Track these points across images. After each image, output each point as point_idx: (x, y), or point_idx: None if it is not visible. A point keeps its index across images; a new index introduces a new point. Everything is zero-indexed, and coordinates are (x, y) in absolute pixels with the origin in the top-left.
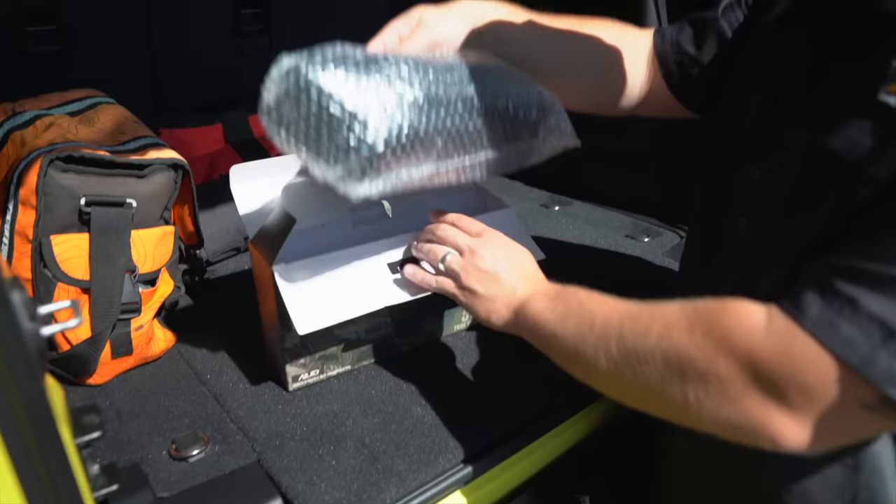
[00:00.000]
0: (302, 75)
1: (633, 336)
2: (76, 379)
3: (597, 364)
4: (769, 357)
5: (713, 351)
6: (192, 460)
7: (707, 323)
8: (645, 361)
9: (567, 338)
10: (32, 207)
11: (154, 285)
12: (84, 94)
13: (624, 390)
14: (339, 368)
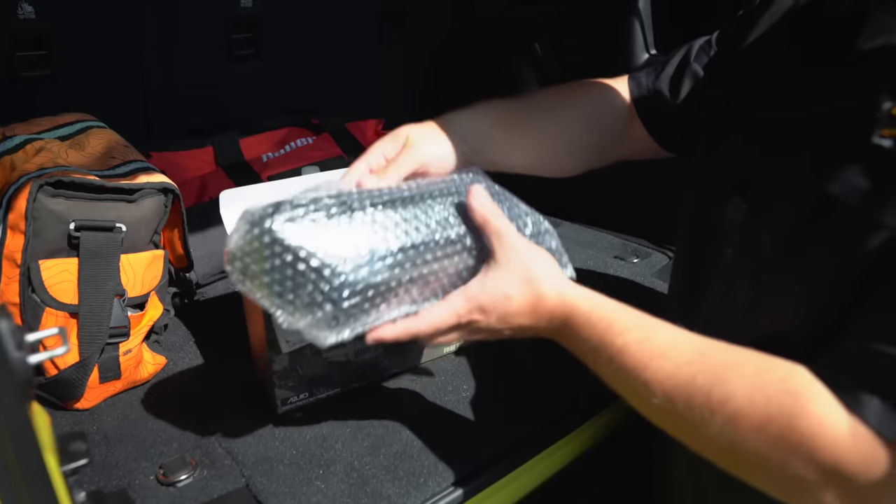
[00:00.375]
0: (266, 230)
1: (690, 414)
2: (64, 403)
3: (659, 422)
4: (856, 465)
5: (789, 454)
6: (180, 485)
7: (782, 426)
8: (710, 439)
9: (609, 378)
10: (21, 232)
11: (143, 309)
12: (75, 118)
13: (691, 444)
14: (328, 391)
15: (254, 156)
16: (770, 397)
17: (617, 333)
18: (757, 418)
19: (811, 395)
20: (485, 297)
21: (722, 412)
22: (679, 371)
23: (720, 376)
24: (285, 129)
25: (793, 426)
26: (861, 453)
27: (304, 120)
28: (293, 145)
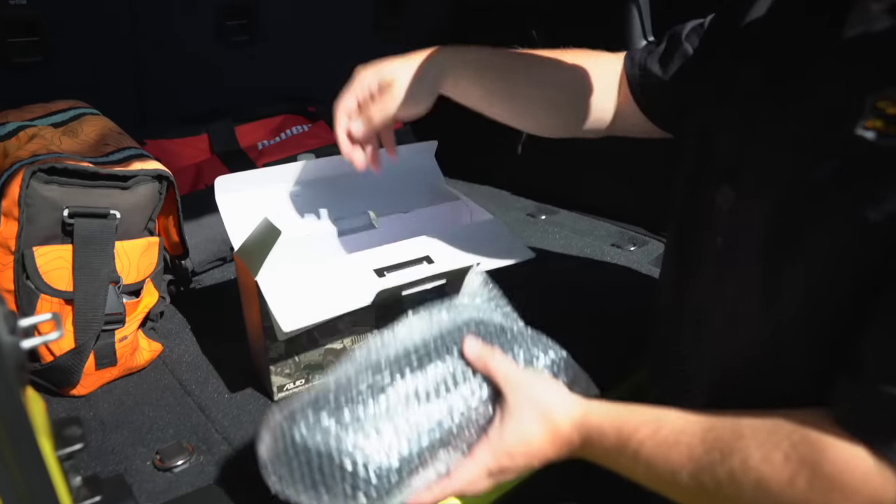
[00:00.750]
0: (289, 436)
1: (720, 493)
2: (60, 390)
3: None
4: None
5: (826, 500)
6: (176, 470)
7: (809, 476)
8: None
9: (643, 482)
10: (15, 219)
11: (138, 296)
12: (68, 105)
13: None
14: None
15: (249, 143)
16: (787, 453)
17: (629, 436)
18: (783, 477)
19: (826, 441)
20: (507, 446)
21: (748, 481)
22: (694, 452)
23: (733, 448)
24: (281, 117)
25: (818, 474)
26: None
27: (299, 107)
28: (289, 133)
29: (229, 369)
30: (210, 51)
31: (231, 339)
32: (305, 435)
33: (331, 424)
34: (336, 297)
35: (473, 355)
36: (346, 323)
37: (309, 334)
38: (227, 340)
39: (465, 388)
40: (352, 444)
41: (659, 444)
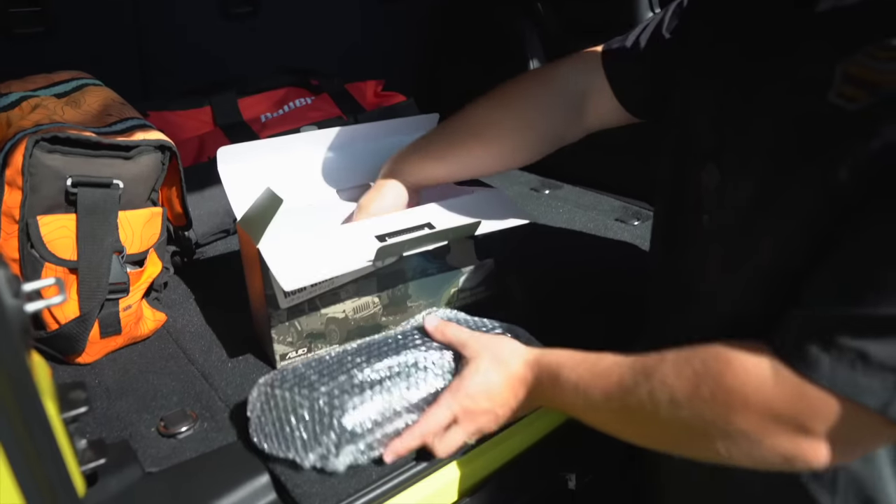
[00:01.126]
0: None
1: (643, 411)
2: (65, 358)
3: (621, 434)
4: (785, 404)
5: (727, 410)
6: (180, 437)
7: (711, 385)
8: (665, 429)
9: (582, 415)
10: (19, 188)
11: (142, 266)
12: (70, 75)
13: (654, 445)
14: (326, 347)
15: (252, 116)
16: (697, 369)
17: (571, 369)
18: (689, 389)
19: (732, 354)
20: (467, 389)
21: (663, 398)
22: (623, 379)
23: (655, 369)
24: (284, 90)
25: (720, 382)
26: (789, 393)
27: (302, 80)
28: (292, 105)
29: (232, 339)
30: (213, 23)
31: (234, 309)
32: (287, 396)
33: (312, 386)
34: (337, 258)
35: (431, 327)
36: (349, 291)
37: (311, 302)
38: (231, 311)
39: (435, 368)
40: (327, 400)
41: (595, 375)
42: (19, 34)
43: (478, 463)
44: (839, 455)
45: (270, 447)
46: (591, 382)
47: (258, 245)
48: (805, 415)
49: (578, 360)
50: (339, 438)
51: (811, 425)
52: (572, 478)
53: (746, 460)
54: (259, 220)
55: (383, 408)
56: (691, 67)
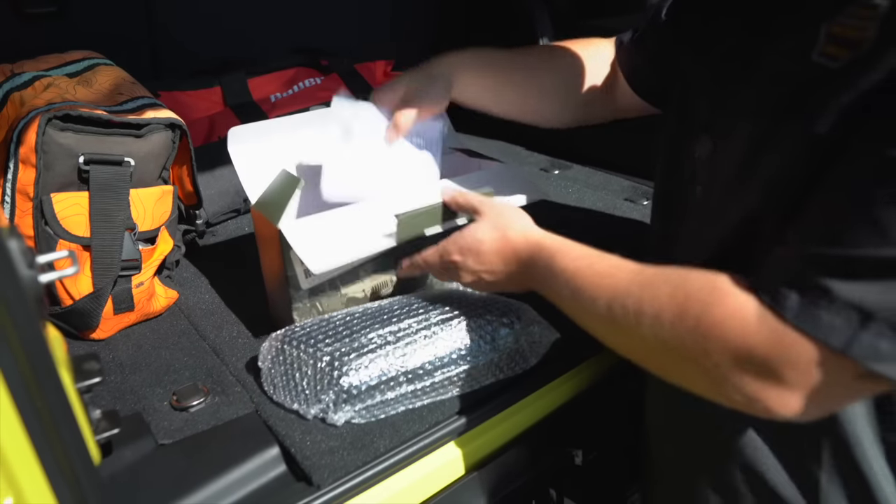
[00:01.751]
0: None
1: (625, 320)
2: (80, 333)
3: (597, 334)
4: (761, 347)
5: (706, 341)
6: (192, 410)
7: (697, 314)
8: (642, 342)
9: (567, 309)
10: (32, 166)
11: (154, 243)
12: (82, 55)
13: (630, 354)
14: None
15: (262, 96)
16: (690, 293)
17: (570, 260)
18: (677, 309)
19: (728, 289)
20: (461, 241)
21: (649, 312)
22: (618, 285)
23: (651, 282)
24: (293, 70)
25: (707, 313)
26: (767, 337)
27: (312, 60)
28: (301, 85)
29: (243, 315)
30: (223, 3)
31: (245, 286)
32: (294, 353)
33: (317, 345)
34: (360, 239)
35: (448, 197)
36: (367, 269)
37: (331, 282)
38: (242, 288)
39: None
40: (329, 360)
41: (592, 274)
42: (31, 14)
43: (486, 438)
44: (804, 406)
45: (278, 397)
46: (585, 278)
47: (279, 225)
48: (777, 359)
49: (580, 254)
50: (337, 397)
51: (781, 371)
52: (579, 454)
53: (711, 392)
54: (276, 201)
55: (381, 372)
56: (688, 46)
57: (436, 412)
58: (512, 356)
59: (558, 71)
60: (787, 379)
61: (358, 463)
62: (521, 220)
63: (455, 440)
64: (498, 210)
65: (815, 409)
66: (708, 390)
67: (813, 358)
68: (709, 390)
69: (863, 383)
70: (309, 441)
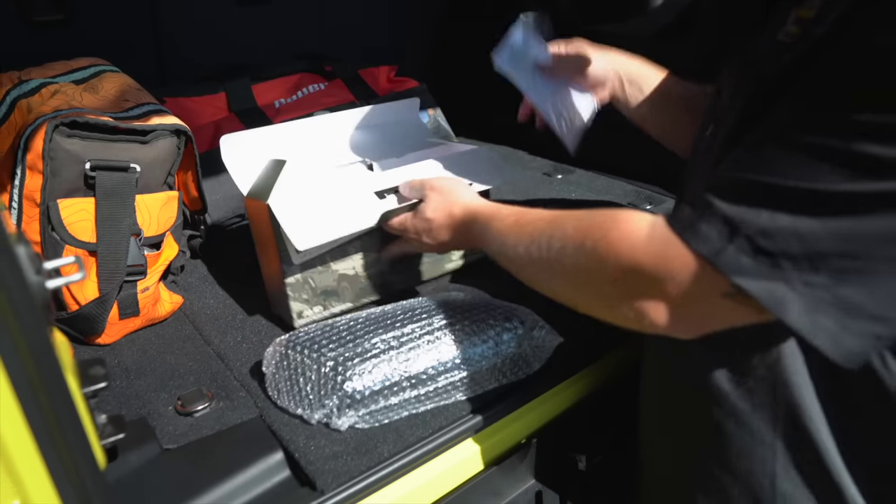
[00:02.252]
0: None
1: (539, 257)
2: (85, 338)
3: (523, 277)
4: (648, 260)
5: (601, 263)
6: (197, 415)
7: (597, 238)
8: (552, 275)
9: (501, 261)
10: (39, 172)
11: (159, 249)
12: (89, 62)
13: (543, 287)
14: (340, 305)
15: (266, 101)
16: (593, 223)
17: (501, 220)
18: (580, 236)
19: (627, 215)
20: (415, 222)
21: (556, 246)
22: (536, 230)
23: (562, 221)
24: (298, 75)
25: (604, 237)
26: (655, 252)
27: (316, 66)
28: (305, 91)
29: (247, 321)
30: (228, 9)
31: (250, 292)
32: (298, 357)
33: (321, 350)
34: (343, 217)
35: (405, 188)
36: (356, 246)
37: (321, 258)
38: (246, 293)
39: (437, 343)
40: (332, 365)
41: (516, 226)
42: (38, 22)
43: (489, 442)
44: (681, 321)
45: (282, 402)
46: (510, 230)
47: (268, 201)
48: (661, 272)
49: (509, 212)
50: (341, 402)
51: (663, 284)
52: (582, 459)
53: (606, 312)
54: (265, 184)
55: (385, 377)
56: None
57: (439, 417)
58: (515, 361)
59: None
60: (668, 292)
61: (362, 468)
62: (463, 194)
63: (457, 446)
64: (442, 189)
65: (690, 325)
66: (604, 311)
67: (690, 269)
68: (605, 311)
69: (731, 303)
70: (313, 446)
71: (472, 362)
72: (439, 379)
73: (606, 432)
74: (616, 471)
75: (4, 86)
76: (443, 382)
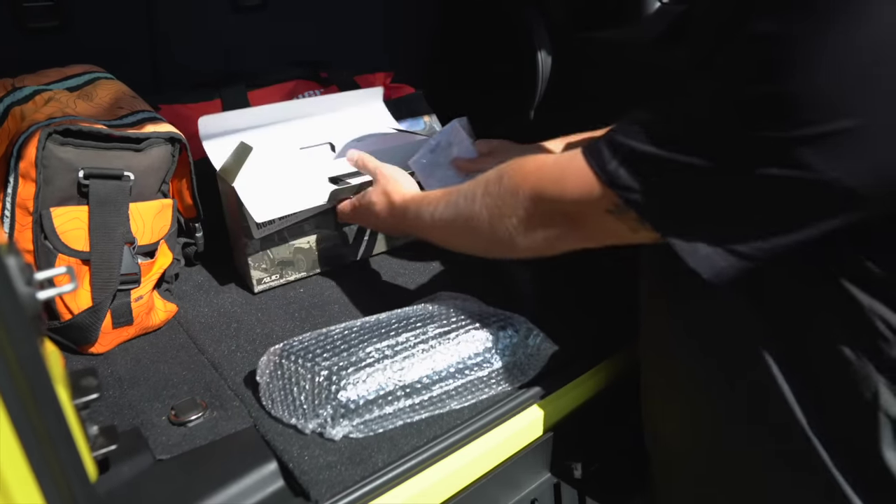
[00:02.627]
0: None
1: (458, 212)
2: (79, 348)
3: (449, 243)
4: (550, 179)
5: (511, 194)
6: (190, 425)
7: (510, 174)
8: (469, 223)
9: (430, 236)
10: (32, 180)
11: (153, 257)
12: (83, 69)
13: (465, 239)
14: (296, 274)
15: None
16: (508, 166)
17: (428, 202)
18: (497, 173)
19: (528, 158)
20: (360, 205)
21: (470, 192)
22: (452, 193)
23: (476, 179)
24: (293, 82)
25: (517, 171)
26: (556, 166)
27: (311, 73)
28: (301, 98)
29: (241, 330)
30: (224, 16)
31: (244, 300)
32: (292, 367)
33: (315, 360)
34: (300, 195)
35: (353, 157)
36: (311, 225)
37: (280, 234)
38: (240, 302)
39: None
40: (326, 375)
41: (444, 194)
42: (33, 29)
43: (484, 452)
44: (578, 237)
45: (276, 411)
46: (434, 206)
47: (234, 184)
48: (561, 191)
49: (436, 195)
50: (335, 412)
51: (564, 205)
52: (578, 466)
53: (523, 241)
54: (234, 166)
55: (379, 386)
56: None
57: (434, 426)
58: (510, 369)
59: None
60: (567, 211)
61: (356, 478)
62: (405, 183)
63: (452, 455)
64: (387, 176)
65: (593, 240)
66: (518, 240)
67: (583, 183)
68: (519, 240)
69: (621, 220)
70: (307, 456)
71: (467, 371)
72: (434, 388)
73: (602, 440)
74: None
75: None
76: (437, 391)
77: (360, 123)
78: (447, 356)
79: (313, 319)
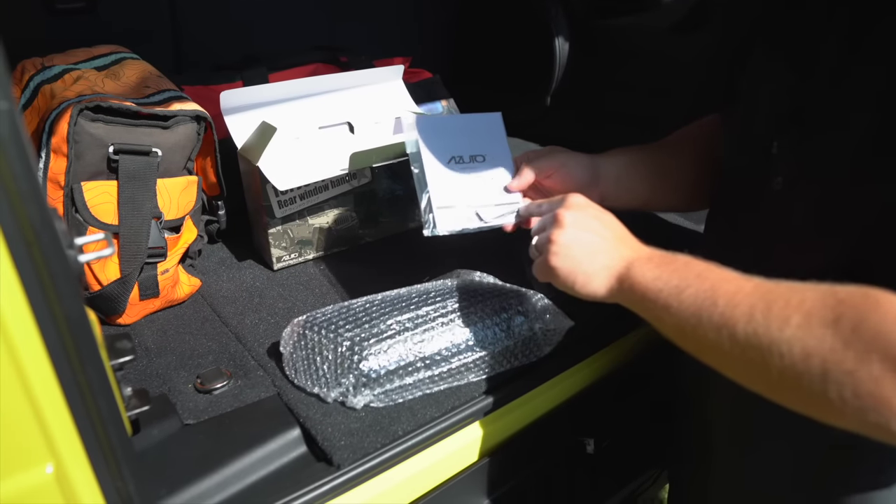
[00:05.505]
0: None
1: (767, 323)
2: (107, 318)
3: (718, 345)
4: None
5: (864, 352)
6: (216, 393)
7: (855, 319)
8: (779, 353)
9: (684, 313)
10: (64, 155)
11: (179, 232)
12: (110, 49)
13: (749, 377)
14: (314, 253)
15: None
16: (842, 298)
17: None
18: (830, 314)
19: (884, 296)
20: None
21: (798, 314)
22: (755, 291)
23: (795, 288)
24: (313, 66)
25: (866, 319)
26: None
27: (332, 57)
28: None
29: (264, 304)
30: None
31: (266, 276)
32: (315, 337)
33: (338, 331)
34: (318, 166)
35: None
36: (331, 204)
37: (300, 212)
38: (262, 278)
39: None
40: (349, 345)
41: (738, 305)
42: (61, 10)
43: (498, 425)
44: None
45: (299, 380)
46: (724, 314)
47: (258, 164)
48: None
49: (731, 293)
50: (356, 381)
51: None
52: (590, 442)
53: (857, 420)
54: (257, 146)
55: (400, 357)
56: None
57: (452, 398)
58: (527, 344)
59: (688, 168)
60: None
61: (377, 445)
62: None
63: (468, 426)
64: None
65: None
66: (858, 421)
67: None
68: (859, 420)
69: None
70: (329, 423)
71: (485, 345)
72: (452, 360)
73: (615, 416)
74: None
75: (28, 71)
76: (456, 364)
77: (378, 101)
78: (466, 330)
79: (333, 295)
